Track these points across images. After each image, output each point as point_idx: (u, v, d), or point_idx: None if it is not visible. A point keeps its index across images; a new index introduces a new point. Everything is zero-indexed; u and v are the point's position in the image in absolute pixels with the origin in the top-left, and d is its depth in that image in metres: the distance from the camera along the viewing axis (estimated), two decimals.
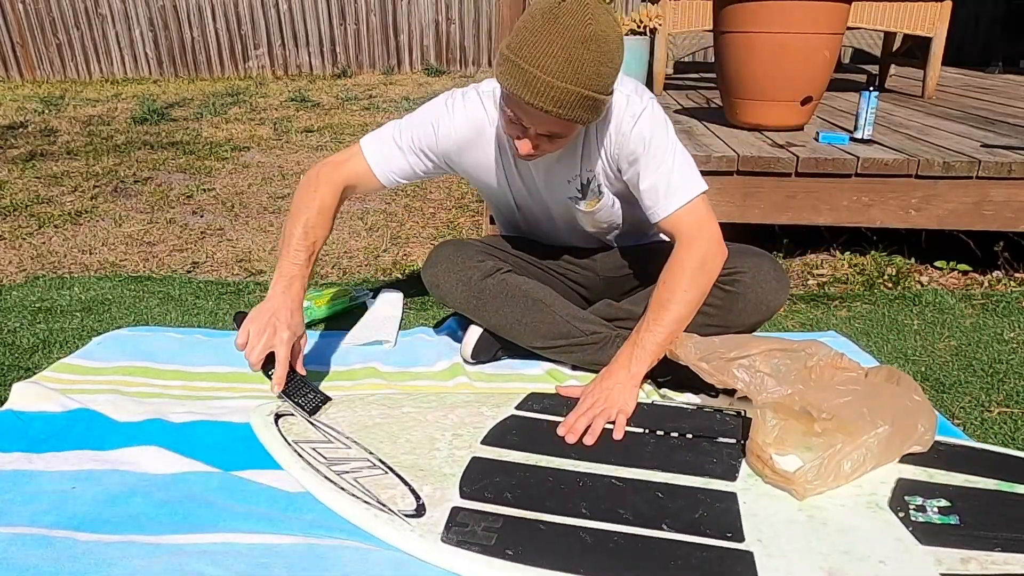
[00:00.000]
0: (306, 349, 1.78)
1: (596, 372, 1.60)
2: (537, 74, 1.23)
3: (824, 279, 2.33)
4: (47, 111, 5.72)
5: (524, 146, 1.36)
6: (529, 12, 1.27)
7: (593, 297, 1.78)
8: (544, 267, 1.76)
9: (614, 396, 1.40)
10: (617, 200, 1.61)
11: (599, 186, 1.56)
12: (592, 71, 1.24)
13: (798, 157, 2.28)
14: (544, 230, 1.74)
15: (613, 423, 1.37)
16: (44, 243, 2.77)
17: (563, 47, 1.22)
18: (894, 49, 4.36)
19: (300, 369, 1.47)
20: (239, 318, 1.47)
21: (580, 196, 1.58)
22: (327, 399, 1.46)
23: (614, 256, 1.75)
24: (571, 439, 1.34)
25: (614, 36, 1.26)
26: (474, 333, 1.69)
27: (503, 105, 1.35)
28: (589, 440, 1.33)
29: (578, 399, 1.44)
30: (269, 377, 1.40)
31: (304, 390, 1.46)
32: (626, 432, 1.36)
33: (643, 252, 1.73)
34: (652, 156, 1.44)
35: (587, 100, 1.26)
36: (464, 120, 1.53)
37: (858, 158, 2.25)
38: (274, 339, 1.38)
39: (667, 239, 1.53)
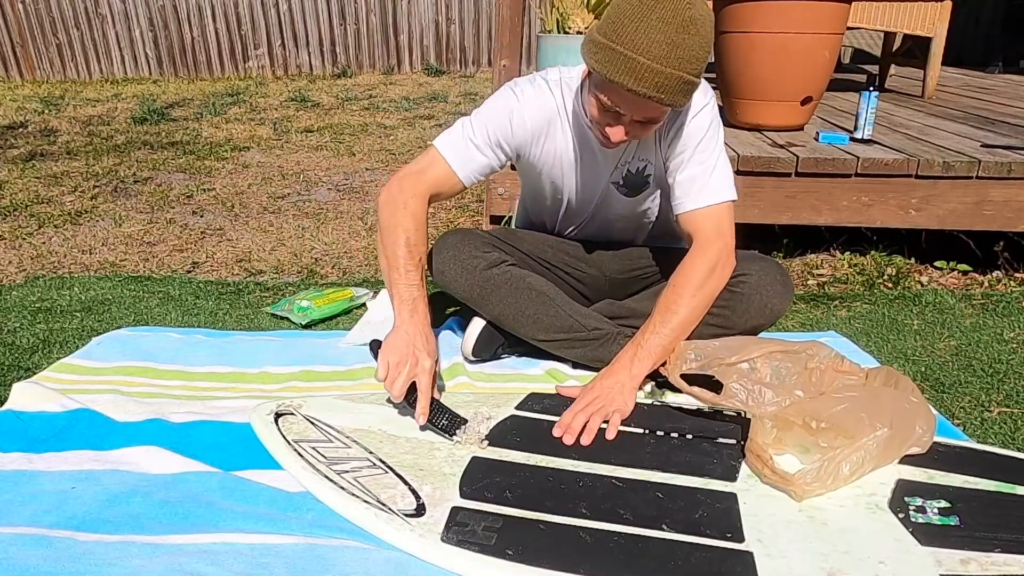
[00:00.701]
0: (306, 349, 1.78)
1: (596, 370, 1.60)
2: (640, 60, 1.23)
3: (824, 279, 2.33)
4: (47, 111, 5.72)
5: (617, 133, 1.36)
6: None
7: (596, 297, 1.78)
8: (549, 264, 1.75)
9: (612, 395, 1.40)
10: (659, 193, 1.62)
11: (649, 176, 1.57)
12: (692, 55, 1.25)
13: (798, 157, 2.28)
14: (578, 222, 1.73)
15: (607, 423, 1.37)
16: (44, 243, 2.77)
17: (664, 31, 1.22)
18: (894, 49, 4.36)
19: (435, 394, 1.42)
20: (375, 347, 1.43)
21: (622, 183, 1.59)
22: (464, 421, 1.38)
23: (621, 257, 1.75)
24: (568, 440, 1.33)
25: (709, 18, 1.27)
26: (474, 330, 1.69)
27: (596, 92, 1.34)
28: (586, 440, 1.33)
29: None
30: (410, 405, 1.37)
31: (443, 414, 1.38)
32: (626, 432, 1.36)
33: (651, 255, 1.73)
34: (700, 151, 1.46)
35: (687, 84, 1.27)
36: (536, 108, 1.51)
37: (858, 158, 2.25)
38: (416, 369, 1.35)
39: (683, 247, 1.53)
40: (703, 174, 1.46)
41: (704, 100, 1.46)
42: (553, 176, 1.61)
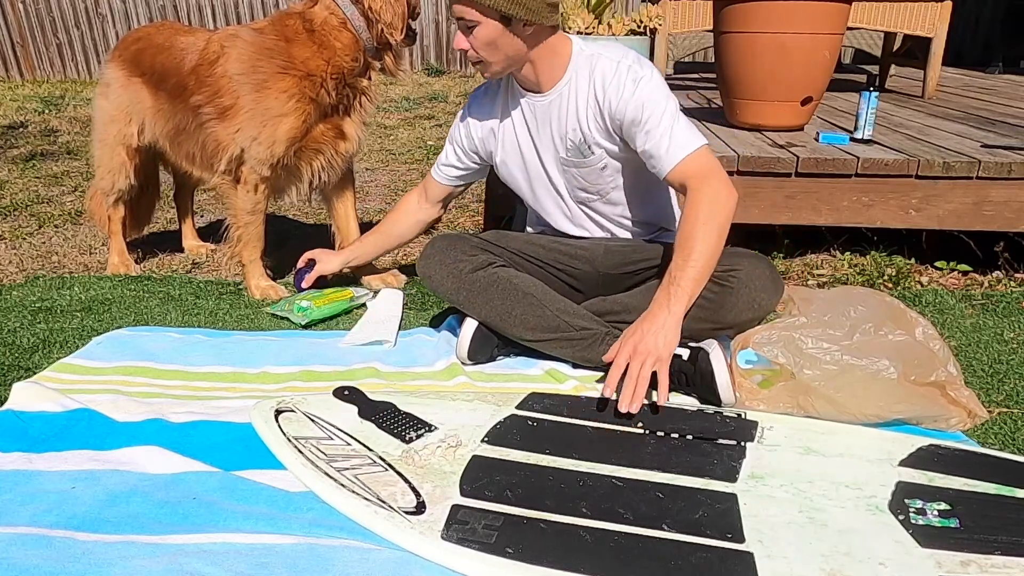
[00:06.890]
0: (306, 349, 1.78)
1: (588, 368, 1.60)
2: None
3: (824, 279, 2.33)
4: (47, 111, 5.72)
5: (458, 40, 1.56)
6: None
7: (589, 293, 1.79)
8: (541, 262, 1.77)
9: (649, 341, 1.40)
10: (610, 162, 1.66)
11: (590, 146, 1.64)
12: None
13: (798, 157, 2.28)
14: (552, 208, 1.79)
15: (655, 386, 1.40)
16: (44, 243, 2.77)
17: None
18: (894, 49, 4.36)
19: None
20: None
21: (570, 155, 1.67)
22: (430, 429, 1.39)
23: (614, 253, 1.75)
24: (623, 407, 1.37)
25: None
26: (468, 331, 1.69)
27: None
28: (635, 408, 1.37)
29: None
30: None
31: (409, 422, 1.41)
32: (626, 432, 1.36)
33: (645, 250, 1.74)
34: (653, 118, 1.54)
35: None
36: (482, 93, 1.77)
37: (858, 158, 2.25)
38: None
39: (668, 241, 1.53)
40: (665, 135, 1.53)
41: (641, 72, 1.56)
42: (508, 159, 1.76)
